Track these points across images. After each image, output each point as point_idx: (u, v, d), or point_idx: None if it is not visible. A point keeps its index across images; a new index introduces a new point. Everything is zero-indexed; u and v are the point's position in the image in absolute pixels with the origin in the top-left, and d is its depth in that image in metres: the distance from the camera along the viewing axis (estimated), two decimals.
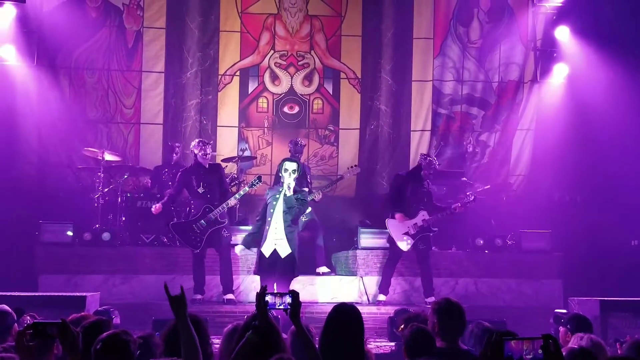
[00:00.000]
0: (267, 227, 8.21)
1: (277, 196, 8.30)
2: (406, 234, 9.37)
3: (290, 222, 8.29)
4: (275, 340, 3.56)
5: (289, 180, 8.26)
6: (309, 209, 9.93)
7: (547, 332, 6.40)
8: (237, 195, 9.11)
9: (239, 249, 8.81)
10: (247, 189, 9.14)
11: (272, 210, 8.22)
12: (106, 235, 9.87)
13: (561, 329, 5.36)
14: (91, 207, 10.34)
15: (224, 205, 8.92)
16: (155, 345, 4.03)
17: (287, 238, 8.23)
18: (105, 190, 10.30)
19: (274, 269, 8.23)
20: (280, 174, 8.41)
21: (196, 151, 9.16)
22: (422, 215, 9.38)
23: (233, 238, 9.59)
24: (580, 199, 11.95)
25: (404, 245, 9.37)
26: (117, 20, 11.97)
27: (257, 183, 8.93)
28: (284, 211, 8.24)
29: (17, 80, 11.28)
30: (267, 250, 8.27)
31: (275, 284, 8.01)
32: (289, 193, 8.28)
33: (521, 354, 2.78)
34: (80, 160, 11.30)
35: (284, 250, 8.25)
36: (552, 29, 12.20)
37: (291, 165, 8.32)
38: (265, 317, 3.58)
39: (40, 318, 4.89)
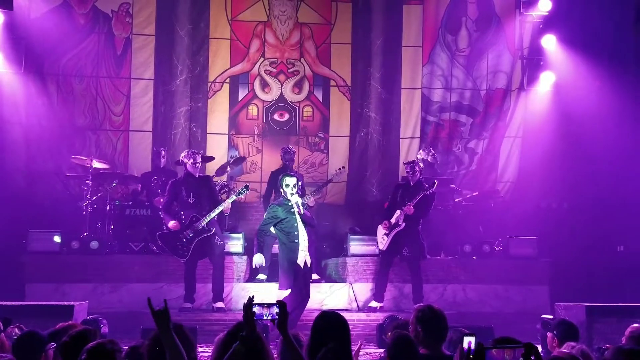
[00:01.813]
0: (297, 241, 8.22)
1: (292, 210, 8.29)
2: (385, 234, 9.62)
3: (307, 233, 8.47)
4: (260, 349, 3.58)
5: (296, 199, 8.30)
6: None
7: (535, 337, 6.45)
8: (224, 204, 9.10)
9: (258, 259, 8.57)
10: (234, 197, 9.21)
11: (296, 224, 8.25)
12: (94, 244, 9.83)
13: (548, 334, 5.41)
14: (79, 215, 10.28)
15: (211, 214, 8.93)
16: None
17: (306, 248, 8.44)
18: (94, 198, 10.25)
19: (308, 277, 8.49)
20: (282, 189, 8.38)
21: (186, 161, 9.18)
22: (396, 214, 9.52)
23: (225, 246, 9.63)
24: (567, 205, 12.01)
25: (380, 244, 9.66)
26: (106, 27, 11.94)
27: (244, 192, 9.08)
28: (303, 224, 8.36)
29: (5, 87, 11.22)
30: (301, 262, 8.31)
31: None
32: (302, 210, 8.30)
33: None
34: (68, 168, 11.25)
35: (308, 260, 8.44)
36: (539, 37, 12.32)
37: (292, 181, 8.35)
38: (253, 328, 3.60)
39: (26, 328, 4.88)
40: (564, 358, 3.84)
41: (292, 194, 8.29)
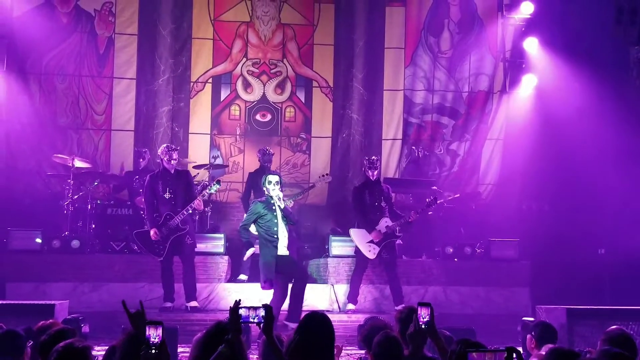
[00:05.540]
0: (277, 237, 8.47)
1: (273, 208, 8.50)
2: (371, 242, 9.41)
3: (287, 231, 8.76)
4: (239, 352, 3.58)
5: (278, 193, 8.50)
6: None
7: (515, 339, 6.46)
8: (195, 201, 9.03)
9: (250, 251, 8.81)
10: (206, 193, 9.20)
11: (276, 221, 8.48)
12: (75, 243, 9.78)
13: (528, 336, 5.46)
14: (60, 214, 10.23)
15: (184, 212, 8.88)
16: None
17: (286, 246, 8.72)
18: (75, 197, 10.18)
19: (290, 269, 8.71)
20: (265, 187, 8.57)
21: (162, 156, 9.13)
22: (385, 222, 9.43)
23: (199, 246, 9.57)
24: (548, 208, 12.10)
25: (370, 253, 9.42)
26: (89, 26, 11.90)
27: (217, 186, 9.10)
28: (283, 221, 8.56)
29: None
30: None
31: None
32: (282, 204, 8.51)
33: None
34: (49, 166, 11.19)
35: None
36: (521, 40, 12.41)
37: (274, 178, 8.59)
38: (239, 331, 3.60)
39: (6, 327, 4.84)
40: None
41: (273, 190, 8.50)
